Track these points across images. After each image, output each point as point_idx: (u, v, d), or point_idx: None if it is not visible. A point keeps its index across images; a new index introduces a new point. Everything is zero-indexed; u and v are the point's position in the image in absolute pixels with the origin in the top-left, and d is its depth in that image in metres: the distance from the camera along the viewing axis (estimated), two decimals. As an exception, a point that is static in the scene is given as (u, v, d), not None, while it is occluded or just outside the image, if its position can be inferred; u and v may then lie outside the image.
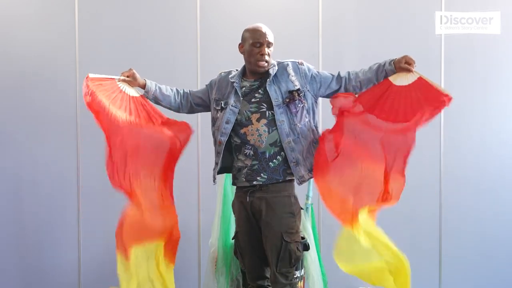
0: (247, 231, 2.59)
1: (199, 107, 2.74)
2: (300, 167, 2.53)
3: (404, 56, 2.53)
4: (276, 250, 2.49)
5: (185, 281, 3.64)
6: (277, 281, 2.50)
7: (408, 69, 2.50)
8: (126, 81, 2.56)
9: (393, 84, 2.57)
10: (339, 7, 3.73)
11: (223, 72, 2.69)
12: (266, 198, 2.52)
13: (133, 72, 2.59)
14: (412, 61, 2.51)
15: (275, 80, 2.54)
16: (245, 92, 2.57)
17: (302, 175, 2.54)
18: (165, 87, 2.68)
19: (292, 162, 2.51)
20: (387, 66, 2.56)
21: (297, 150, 2.52)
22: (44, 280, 3.67)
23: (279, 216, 2.51)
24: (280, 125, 2.49)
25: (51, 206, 3.66)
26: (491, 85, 3.78)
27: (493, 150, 3.79)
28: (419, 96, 2.51)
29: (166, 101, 2.67)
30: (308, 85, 2.58)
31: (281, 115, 2.50)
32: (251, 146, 2.52)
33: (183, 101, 2.71)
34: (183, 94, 2.72)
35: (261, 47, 2.50)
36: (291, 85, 2.54)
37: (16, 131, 3.64)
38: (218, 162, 2.58)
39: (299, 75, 2.58)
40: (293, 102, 2.51)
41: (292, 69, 2.58)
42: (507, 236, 3.80)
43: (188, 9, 3.68)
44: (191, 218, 3.69)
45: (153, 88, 2.63)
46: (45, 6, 3.65)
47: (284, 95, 2.52)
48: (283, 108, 2.50)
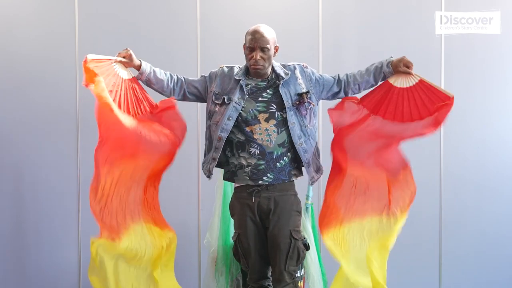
0: (253, 233, 2.57)
1: (192, 96, 2.68)
2: (311, 168, 2.59)
3: (401, 59, 2.55)
4: (285, 248, 2.50)
5: (185, 281, 3.63)
6: (282, 280, 2.51)
7: (408, 73, 2.53)
8: (122, 62, 2.54)
9: (394, 86, 2.60)
10: (339, 6, 3.73)
11: (225, 67, 2.66)
12: (274, 197, 2.53)
13: (130, 53, 2.55)
14: (410, 63, 2.54)
15: (285, 83, 2.56)
16: (252, 90, 2.57)
17: (313, 176, 2.61)
18: (159, 71, 2.63)
19: (305, 163, 2.56)
20: (385, 68, 2.58)
21: (309, 152, 2.56)
22: (44, 280, 3.67)
23: (288, 214, 2.53)
24: (292, 127, 2.52)
25: (51, 206, 3.66)
26: (491, 85, 3.78)
27: (493, 150, 3.79)
28: (422, 98, 2.54)
29: (158, 84, 2.62)
30: (312, 88, 2.61)
31: (292, 117, 2.52)
32: (258, 145, 2.51)
33: (176, 87, 2.65)
34: (177, 80, 2.66)
35: (252, 52, 2.50)
36: (299, 88, 2.57)
37: (16, 131, 3.63)
38: (216, 158, 2.56)
39: (305, 78, 2.61)
40: (302, 105, 2.54)
41: (299, 72, 2.61)
42: (507, 236, 3.80)
43: (188, 9, 3.68)
44: (191, 218, 3.69)
45: (148, 70, 2.59)
46: (45, 6, 3.65)
47: (293, 97, 2.54)
48: (293, 110, 2.53)
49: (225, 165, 2.62)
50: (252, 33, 2.51)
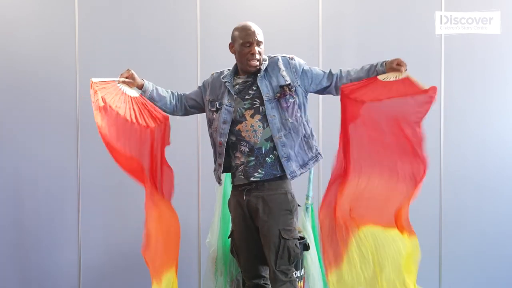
0: (242, 230, 2.59)
1: (193, 109, 2.75)
2: (292, 162, 2.52)
3: (396, 58, 2.55)
4: (275, 248, 2.50)
5: (185, 281, 3.64)
6: (277, 279, 2.51)
7: (398, 70, 2.51)
8: (125, 82, 2.55)
9: (378, 79, 2.57)
10: (339, 6, 3.73)
11: (215, 73, 2.70)
12: (263, 196, 2.52)
13: (132, 73, 2.58)
14: (403, 63, 2.53)
15: (266, 75, 2.55)
16: (239, 89, 2.58)
17: (294, 170, 2.53)
18: (161, 89, 2.68)
19: (283, 157, 2.51)
20: (379, 67, 2.58)
21: (288, 145, 2.51)
22: (44, 280, 3.67)
23: (276, 213, 2.51)
24: (271, 120, 2.49)
25: (51, 206, 3.66)
26: (491, 85, 3.78)
27: (493, 149, 3.79)
28: (401, 88, 2.49)
29: (161, 102, 2.66)
30: (299, 80, 2.58)
31: (272, 110, 2.50)
32: (246, 143, 2.52)
33: (178, 104, 2.71)
34: (178, 97, 2.72)
35: (250, 46, 2.51)
36: (282, 80, 2.55)
37: (16, 131, 3.64)
38: (221, 163, 2.58)
39: (290, 70, 2.58)
40: (284, 97, 2.52)
41: (283, 64, 2.59)
42: (507, 236, 3.80)
43: (188, 9, 3.68)
44: (191, 218, 3.69)
45: (151, 88, 2.63)
46: (45, 6, 3.65)
47: (275, 90, 2.53)
48: (274, 103, 2.51)
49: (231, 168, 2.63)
50: (244, 29, 2.52)
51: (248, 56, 2.52)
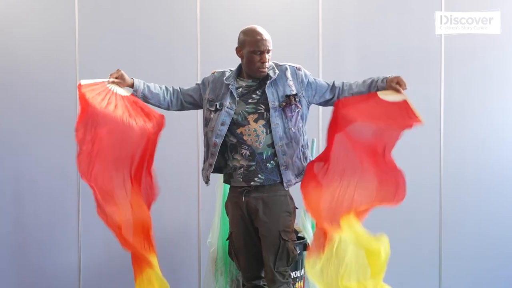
0: (241, 232, 2.58)
1: (189, 105, 2.71)
2: (289, 171, 2.53)
3: (397, 76, 2.54)
4: (274, 249, 2.50)
5: (185, 281, 3.64)
6: (275, 280, 2.51)
7: (397, 90, 2.51)
8: (115, 82, 2.55)
9: (377, 96, 2.58)
10: (339, 7, 3.73)
11: (216, 72, 2.67)
12: (263, 198, 2.52)
13: (121, 73, 2.55)
14: (403, 83, 2.52)
15: (273, 83, 2.54)
16: (242, 92, 2.56)
17: (290, 179, 2.54)
18: (153, 85, 2.64)
19: (282, 165, 2.52)
20: (380, 83, 2.57)
21: (288, 154, 2.52)
22: (44, 280, 3.67)
23: (277, 215, 2.52)
24: (274, 128, 2.50)
25: (51, 206, 3.66)
26: (491, 85, 3.78)
27: (493, 149, 3.79)
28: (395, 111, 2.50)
29: (155, 99, 2.63)
30: (304, 91, 2.58)
31: (276, 118, 2.50)
32: (248, 147, 2.51)
33: (173, 99, 2.67)
34: (173, 92, 2.68)
35: (261, 54, 2.50)
36: (289, 89, 2.55)
37: (16, 131, 3.63)
38: (213, 164, 2.57)
39: (296, 80, 2.58)
40: (289, 107, 2.52)
41: (290, 73, 2.58)
42: (507, 236, 3.80)
43: (188, 9, 3.68)
44: (191, 218, 3.69)
45: (141, 86, 2.60)
46: (45, 6, 3.65)
47: (280, 98, 2.52)
48: (278, 111, 2.51)
49: (224, 168, 2.62)
50: (258, 35, 2.50)
51: (258, 64, 2.51)
